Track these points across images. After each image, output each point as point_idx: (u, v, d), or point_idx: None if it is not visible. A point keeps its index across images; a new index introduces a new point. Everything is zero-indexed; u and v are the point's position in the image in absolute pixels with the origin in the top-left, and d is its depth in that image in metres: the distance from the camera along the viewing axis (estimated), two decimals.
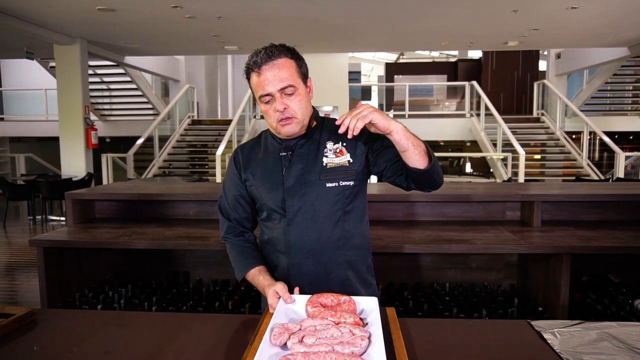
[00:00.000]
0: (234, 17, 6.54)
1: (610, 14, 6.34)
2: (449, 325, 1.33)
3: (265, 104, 1.34)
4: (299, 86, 1.34)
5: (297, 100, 1.34)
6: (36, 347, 1.13)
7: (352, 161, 1.39)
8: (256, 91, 1.34)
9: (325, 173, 1.38)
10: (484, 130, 10.26)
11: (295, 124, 1.35)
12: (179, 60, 12.09)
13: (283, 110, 1.32)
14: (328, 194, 1.38)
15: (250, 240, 1.51)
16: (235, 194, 1.49)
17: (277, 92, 1.31)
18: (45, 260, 2.33)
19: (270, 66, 1.31)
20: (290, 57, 1.34)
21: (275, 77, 1.30)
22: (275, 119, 1.34)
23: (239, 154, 1.50)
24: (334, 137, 1.41)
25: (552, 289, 2.25)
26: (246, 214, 1.50)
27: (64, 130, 7.88)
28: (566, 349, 1.10)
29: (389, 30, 7.53)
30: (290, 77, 1.32)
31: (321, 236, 1.40)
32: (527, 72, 13.00)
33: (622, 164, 8.26)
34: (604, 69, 10.41)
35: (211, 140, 11.04)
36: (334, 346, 0.98)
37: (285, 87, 1.31)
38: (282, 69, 1.31)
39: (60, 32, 7.25)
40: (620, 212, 2.69)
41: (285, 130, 1.35)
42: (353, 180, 1.40)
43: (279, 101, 1.32)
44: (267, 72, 1.30)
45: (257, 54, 1.32)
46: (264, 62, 1.31)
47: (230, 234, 1.50)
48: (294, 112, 1.34)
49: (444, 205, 2.66)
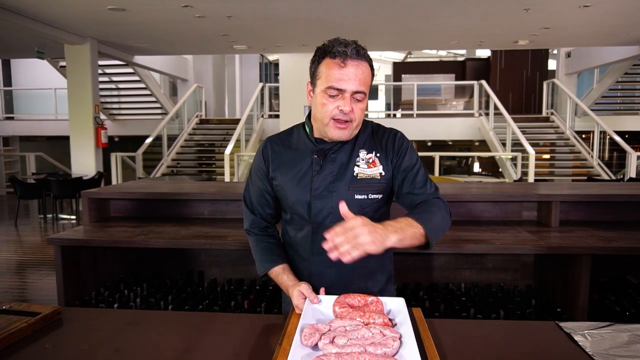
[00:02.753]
0: (244, 17, 6.54)
1: (622, 12, 6.28)
2: (475, 326, 1.31)
3: (329, 96, 1.27)
4: (366, 97, 1.30)
5: (361, 109, 1.30)
6: (53, 346, 1.13)
7: (384, 174, 1.36)
8: (326, 79, 1.26)
9: (355, 184, 1.34)
10: (492, 130, 10.20)
11: (349, 131, 1.31)
12: (187, 59, 12.13)
13: (348, 112, 1.27)
14: (355, 205, 1.33)
15: (274, 235, 1.49)
16: (261, 187, 1.45)
17: (350, 93, 1.26)
18: (62, 259, 2.33)
19: (357, 64, 1.25)
20: (370, 65, 1.31)
21: (357, 77, 1.25)
22: (331, 116, 1.28)
23: (268, 147, 1.44)
24: (369, 145, 1.38)
25: (571, 290, 2.22)
26: (271, 209, 1.48)
27: (74, 129, 7.94)
28: (598, 351, 1.09)
29: (399, 29, 7.50)
30: (366, 84, 1.28)
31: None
32: (536, 71, 12.91)
33: (634, 164, 8.18)
34: (615, 67, 10.32)
35: (219, 139, 11.08)
36: (365, 347, 0.97)
37: (360, 91, 1.26)
38: (365, 72, 1.27)
39: (71, 31, 7.29)
40: (637, 212, 2.66)
41: (338, 134, 1.30)
42: (382, 194, 1.37)
43: (347, 102, 1.26)
44: (352, 69, 1.24)
45: (346, 45, 1.25)
46: (352, 57, 1.24)
47: (254, 228, 1.48)
48: (354, 118, 1.29)
49: (460, 205, 2.64)
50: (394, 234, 1.11)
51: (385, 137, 1.39)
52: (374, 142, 1.38)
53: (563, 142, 10.16)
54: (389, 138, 1.39)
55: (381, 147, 1.38)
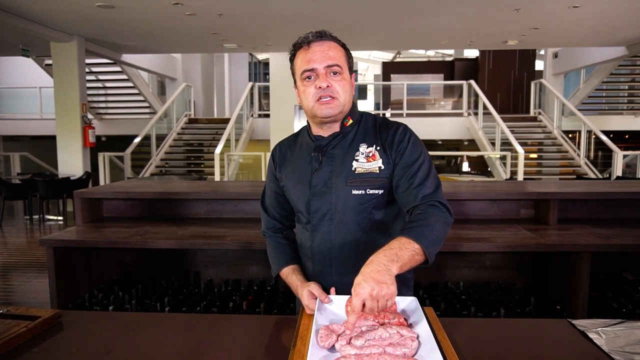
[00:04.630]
0: (235, 15, 6.49)
1: (610, 12, 6.36)
2: (488, 325, 1.30)
3: (306, 80, 1.28)
4: (344, 70, 1.29)
5: (341, 84, 1.28)
6: (74, 350, 1.08)
7: (384, 168, 1.30)
8: (299, 67, 1.28)
9: (352, 179, 1.29)
10: (482, 129, 10.29)
11: (336, 106, 1.27)
12: (176, 58, 12.00)
13: (326, 87, 1.25)
14: (354, 201, 1.30)
15: (288, 237, 1.48)
16: (273, 190, 1.46)
17: (323, 69, 1.26)
18: (55, 261, 2.27)
19: (321, 43, 1.27)
20: (341, 45, 1.32)
21: (324, 54, 1.26)
22: (314, 97, 1.27)
23: (277, 150, 1.46)
24: (369, 138, 1.33)
25: (571, 288, 2.23)
26: (284, 211, 1.47)
27: (60, 128, 7.79)
28: (615, 349, 1.08)
29: (389, 28, 7.51)
30: (337, 58, 1.28)
31: (345, 245, 1.32)
32: (524, 72, 13.05)
33: (620, 163, 8.31)
34: (602, 68, 10.48)
35: (208, 139, 10.98)
36: (384, 348, 0.95)
37: (332, 64, 1.26)
38: (332, 49, 1.28)
39: (58, 29, 7.15)
40: (633, 210, 2.69)
41: (324, 111, 1.27)
42: (382, 189, 1.30)
43: (322, 78, 1.26)
44: (317, 47, 1.27)
45: (308, 34, 1.29)
46: (315, 39, 1.27)
47: (269, 230, 1.49)
48: (336, 93, 1.26)
49: (459, 203, 2.64)
50: (393, 265, 1.05)
51: (387, 131, 1.34)
52: (376, 135, 1.34)
53: (550, 141, 10.29)
54: (390, 131, 1.33)
55: (382, 141, 1.32)
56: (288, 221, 1.49)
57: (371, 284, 0.98)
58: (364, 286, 0.98)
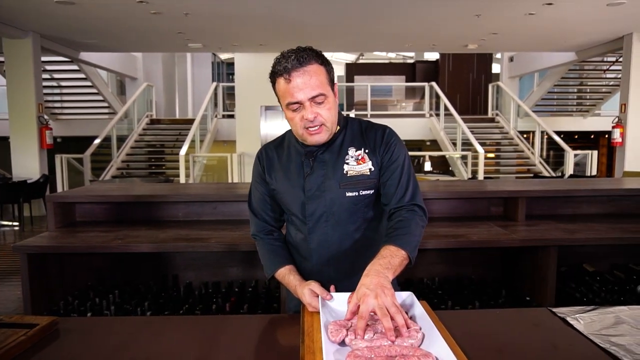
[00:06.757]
0: (202, 14, 6.40)
1: (562, 20, 6.76)
2: (477, 316, 1.39)
3: (292, 111, 1.30)
4: (328, 94, 1.30)
5: (326, 109, 1.30)
6: (77, 358, 1.07)
7: (373, 169, 1.38)
8: (284, 97, 1.29)
9: (345, 181, 1.37)
10: (443, 130, 10.62)
11: (324, 133, 1.33)
12: (137, 57, 11.67)
13: (313, 119, 1.28)
14: (348, 202, 1.38)
15: (279, 238, 1.52)
16: (261, 192, 1.48)
17: (308, 101, 1.27)
18: (29, 268, 2.19)
19: (302, 73, 1.25)
20: (320, 63, 1.30)
21: (306, 84, 1.25)
22: (302, 127, 1.31)
23: (263, 153, 1.48)
24: (357, 142, 1.40)
25: (539, 280, 2.38)
26: (274, 213, 1.51)
27: (14, 129, 7.42)
28: (593, 332, 1.18)
29: (357, 30, 7.63)
30: (320, 85, 1.27)
31: (342, 243, 1.41)
32: (482, 74, 13.56)
33: (572, 162, 8.81)
34: (554, 72, 11.07)
35: (171, 140, 10.75)
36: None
37: (316, 95, 1.27)
38: (313, 76, 1.26)
39: (11, 24, 6.81)
40: (591, 206, 2.89)
41: (314, 139, 1.33)
42: (373, 189, 1.40)
43: (308, 110, 1.28)
44: (298, 79, 1.25)
45: (287, 58, 1.26)
46: (294, 68, 1.25)
47: (260, 232, 1.51)
48: (323, 120, 1.30)
49: (432, 202, 2.75)
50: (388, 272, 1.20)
51: (374, 133, 1.42)
52: (363, 138, 1.42)
53: (507, 141, 10.76)
54: (378, 133, 1.42)
55: (370, 143, 1.41)
56: (277, 223, 1.54)
57: (375, 291, 1.10)
58: (368, 294, 1.10)
